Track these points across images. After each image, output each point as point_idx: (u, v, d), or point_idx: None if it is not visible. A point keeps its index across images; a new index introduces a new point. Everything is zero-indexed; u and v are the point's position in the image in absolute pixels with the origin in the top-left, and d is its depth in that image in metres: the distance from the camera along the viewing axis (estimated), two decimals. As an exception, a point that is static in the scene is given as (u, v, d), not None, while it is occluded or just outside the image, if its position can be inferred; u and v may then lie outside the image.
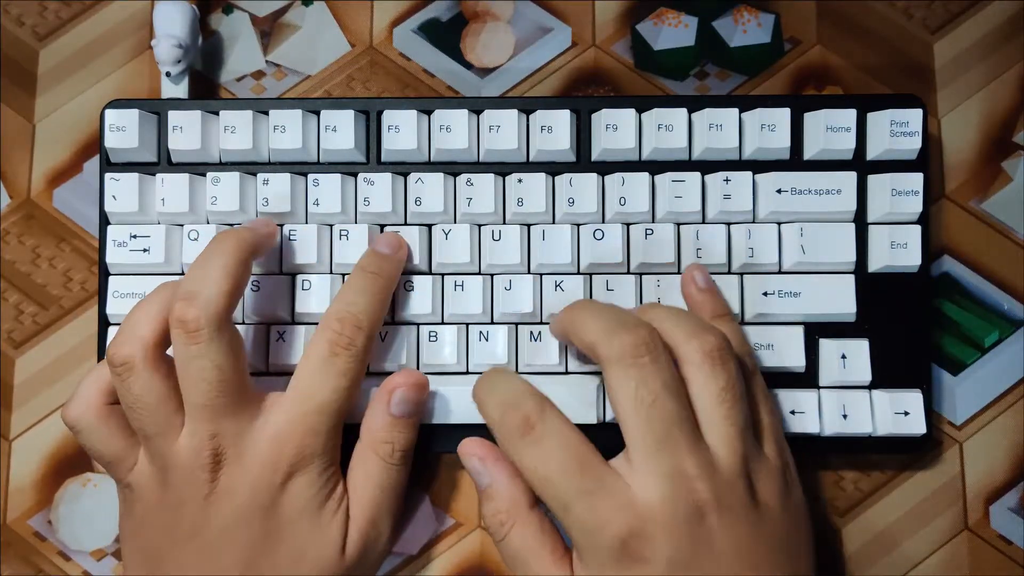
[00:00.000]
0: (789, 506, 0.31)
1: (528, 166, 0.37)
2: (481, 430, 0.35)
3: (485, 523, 0.33)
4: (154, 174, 0.37)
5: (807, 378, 0.36)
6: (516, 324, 0.36)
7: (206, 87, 0.42)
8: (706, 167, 0.37)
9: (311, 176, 0.37)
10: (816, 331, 0.36)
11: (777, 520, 0.31)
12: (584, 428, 0.32)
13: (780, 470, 0.32)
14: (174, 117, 0.37)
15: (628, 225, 0.37)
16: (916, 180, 0.36)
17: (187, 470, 0.31)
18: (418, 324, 0.36)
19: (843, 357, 0.36)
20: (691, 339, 0.31)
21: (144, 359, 0.31)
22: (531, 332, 0.36)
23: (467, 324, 0.36)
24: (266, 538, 0.32)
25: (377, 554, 0.35)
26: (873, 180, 0.37)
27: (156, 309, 0.32)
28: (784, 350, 0.36)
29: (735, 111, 0.36)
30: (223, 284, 0.31)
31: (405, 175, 0.37)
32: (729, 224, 0.37)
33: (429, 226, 0.37)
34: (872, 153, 0.37)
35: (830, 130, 0.36)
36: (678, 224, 0.36)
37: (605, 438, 0.31)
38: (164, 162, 0.37)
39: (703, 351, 0.31)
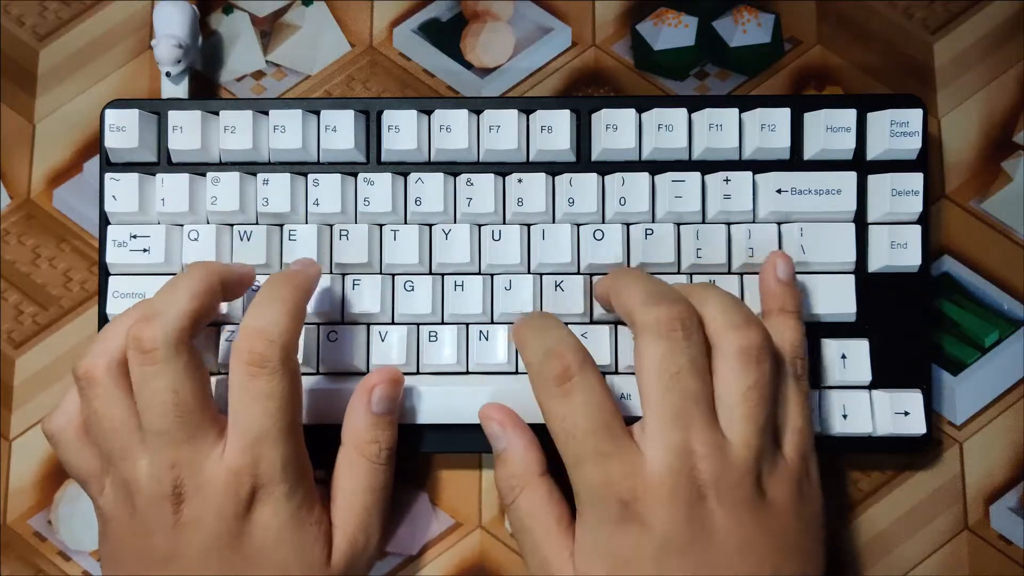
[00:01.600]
0: (801, 509, 0.31)
1: (528, 166, 0.37)
2: (482, 430, 0.35)
3: (497, 486, 0.33)
4: (154, 174, 0.37)
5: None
6: (516, 324, 0.36)
7: (206, 87, 0.42)
8: (706, 167, 0.37)
9: (311, 176, 0.37)
10: (816, 331, 0.36)
11: (786, 520, 0.31)
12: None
13: (797, 477, 0.31)
14: (174, 117, 0.37)
15: (628, 225, 0.37)
16: (916, 180, 0.36)
17: (151, 500, 0.30)
18: (418, 324, 0.36)
19: (843, 357, 0.36)
20: (731, 330, 0.31)
21: (107, 373, 0.30)
22: (531, 332, 0.36)
23: (467, 324, 0.36)
24: (244, 563, 0.31)
25: (368, 559, 0.34)
26: (873, 180, 0.37)
27: (126, 326, 0.31)
28: (784, 350, 0.36)
29: (735, 111, 0.36)
30: (185, 306, 0.30)
31: (405, 175, 0.37)
32: (729, 224, 0.37)
33: (429, 226, 0.37)
34: (872, 153, 0.37)
35: (830, 130, 0.36)
36: (678, 224, 0.36)
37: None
38: (164, 162, 0.37)
39: (739, 345, 0.31)
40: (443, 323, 0.36)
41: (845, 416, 0.36)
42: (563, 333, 0.32)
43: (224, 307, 0.36)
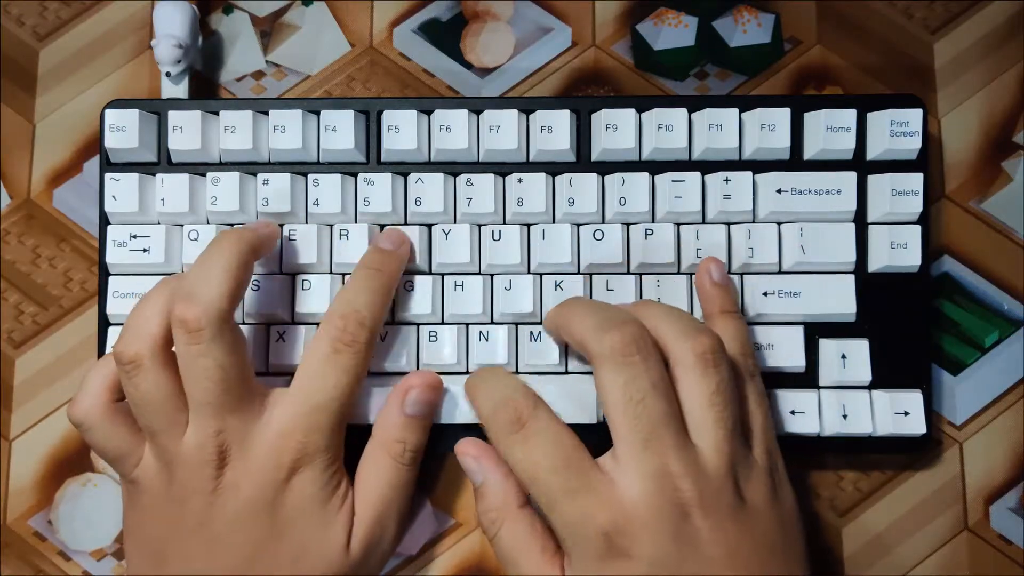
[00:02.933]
0: (778, 507, 0.31)
1: (528, 166, 0.37)
2: (482, 431, 0.35)
3: (479, 521, 0.33)
4: (154, 174, 0.37)
5: (807, 378, 0.36)
6: (516, 324, 0.36)
7: (206, 87, 0.42)
8: (706, 167, 0.37)
9: (311, 176, 0.37)
10: (816, 331, 0.36)
11: (766, 521, 0.31)
12: (582, 428, 0.32)
13: (768, 472, 0.32)
14: (174, 117, 0.37)
15: (628, 225, 0.37)
16: (916, 180, 0.36)
17: (192, 466, 0.31)
18: (418, 324, 0.36)
19: (843, 357, 0.36)
20: (684, 339, 0.31)
21: (153, 357, 0.31)
22: (531, 332, 0.36)
23: (467, 324, 0.36)
24: (270, 533, 0.32)
25: (382, 553, 0.35)
26: (873, 180, 0.37)
27: (161, 306, 0.32)
28: (784, 350, 0.36)
29: (735, 111, 0.36)
30: (224, 284, 0.31)
31: (405, 175, 0.37)
32: (729, 224, 0.37)
33: (429, 226, 0.37)
34: (872, 153, 0.37)
35: (830, 130, 0.36)
36: (678, 224, 0.36)
37: (603, 438, 0.31)
38: (164, 162, 0.37)
39: (695, 352, 0.31)
40: (443, 323, 0.36)
41: (845, 416, 0.36)
42: (508, 380, 0.33)
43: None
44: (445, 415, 0.35)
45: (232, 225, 0.37)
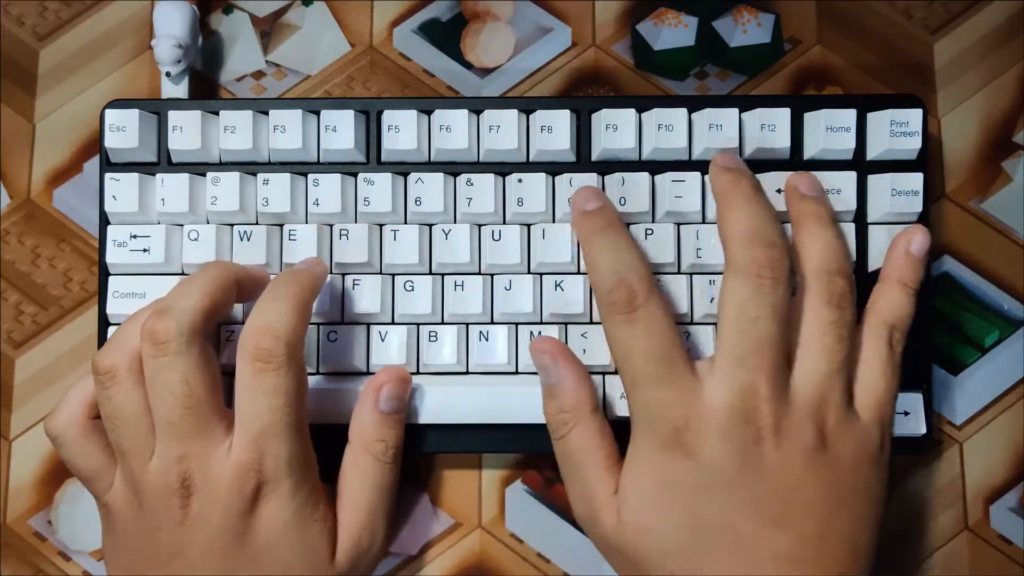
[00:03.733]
0: (865, 475, 0.31)
1: (528, 166, 0.37)
2: (482, 431, 0.35)
3: (547, 420, 0.33)
4: (154, 174, 0.37)
5: (807, 378, 0.36)
6: (516, 324, 0.36)
7: (206, 87, 0.42)
8: (706, 167, 0.37)
9: (311, 176, 0.37)
10: (816, 331, 0.36)
11: (844, 477, 0.30)
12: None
13: (866, 438, 0.31)
14: (174, 117, 0.37)
15: (628, 225, 0.37)
16: (916, 180, 0.36)
17: (159, 495, 0.31)
18: (418, 324, 0.36)
19: (843, 357, 0.36)
20: (822, 274, 0.32)
21: (129, 370, 0.31)
22: (531, 332, 0.36)
23: (467, 324, 0.36)
24: (247, 561, 0.31)
25: (371, 558, 0.34)
26: (873, 180, 0.37)
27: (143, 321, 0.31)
28: (784, 350, 0.36)
29: (735, 111, 0.36)
30: (199, 300, 0.31)
31: (405, 175, 0.37)
32: (729, 224, 0.37)
33: (429, 226, 0.37)
34: (872, 153, 0.37)
35: (830, 130, 0.36)
36: (678, 224, 0.36)
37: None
38: (164, 162, 0.37)
39: (826, 288, 0.31)
40: (443, 323, 0.36)
41: (845, 416, 0.36)
42: (633, 258, 0.32)
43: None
44: (444, 415, 0.35)
45: (232, 225, 0.37)
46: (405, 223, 0.37)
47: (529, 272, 0.36)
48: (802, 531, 0.30)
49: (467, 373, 0.36)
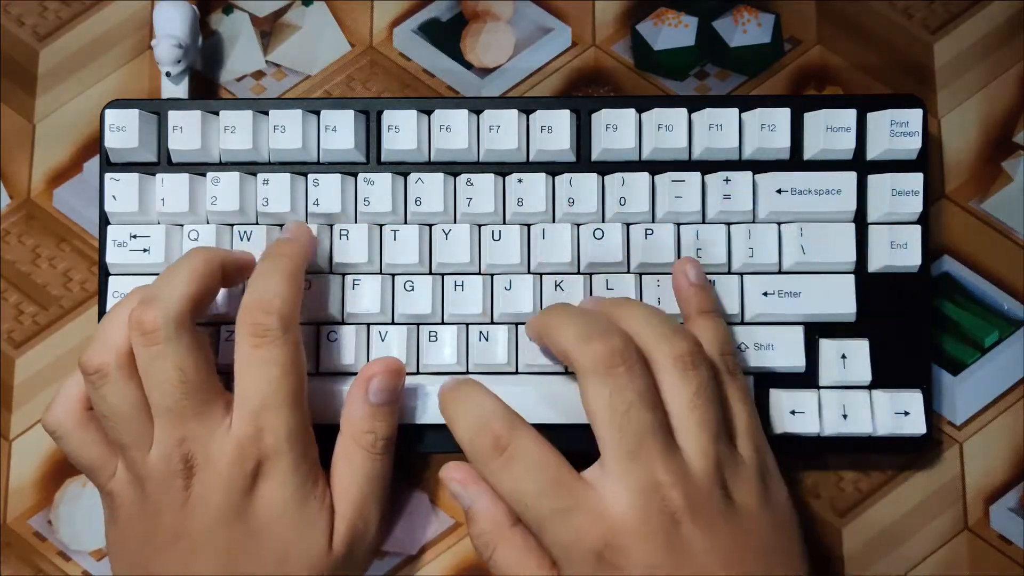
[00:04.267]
0: (770, 506, 0.31)
1: (528, 166, 0.37)
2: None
3: (473, 543, 0.33)
4: (154, 174, 0.37)
5: (807, 378, 0.36)
6: (516, 324, 0.36)
7: (206, 87, 0.42)
8: (706, 167, 0.37)
9: (311, 176, 0.37)
10: (816, 331, 0.36)
11: (758, 521, 0.31)
12: (582, 428, 0.32)
13: (758, 471, 0.31)
14: (174, 117, 0.37)
15: (628, 225, 0.37)
16: (916, 180, 0.36)
17: (161, 479, 0.31)
18: (418, 324, 0.36)
19: (843, 357, 0.36)
20: (662, 343, 0.31)
21: (118, 367, 0.31)
22: (531, 332, 0.36)
23: (467, 324, 0.36)
24: (247, 539, 0.31)
25: (366, 548, 0.34)
26: (873, 180, 0.37)
27: (127, 315, 0.31)
28: (784, 350, 0.36)
29: (735, 111, 0.36)
30: (185, 287, 0.31)
31: (405, 175, 0.37)
32: (729, 224, 0.37)
33: (429, 226, 0.37)
34: (872, 153, 0.37)
35: (830, 130, 0.36)
36: (678, 224, 0.36)
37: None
38: (164, 162, 0.37)
39: (673, 356, 0.31)
40: (443, 323, 0.36)
41: (845, 416, 0.36)
42: (485, 402, 0.32)
43: (225, 306, 0.36)
44: (441, 415, 0.35)
45: (232, 225, 0.37)
46: (405, 223, 0.37)
47: (529, 272, 0.36)
48: None
49: (467, 373, 0.36)
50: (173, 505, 0.31)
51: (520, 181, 0.36)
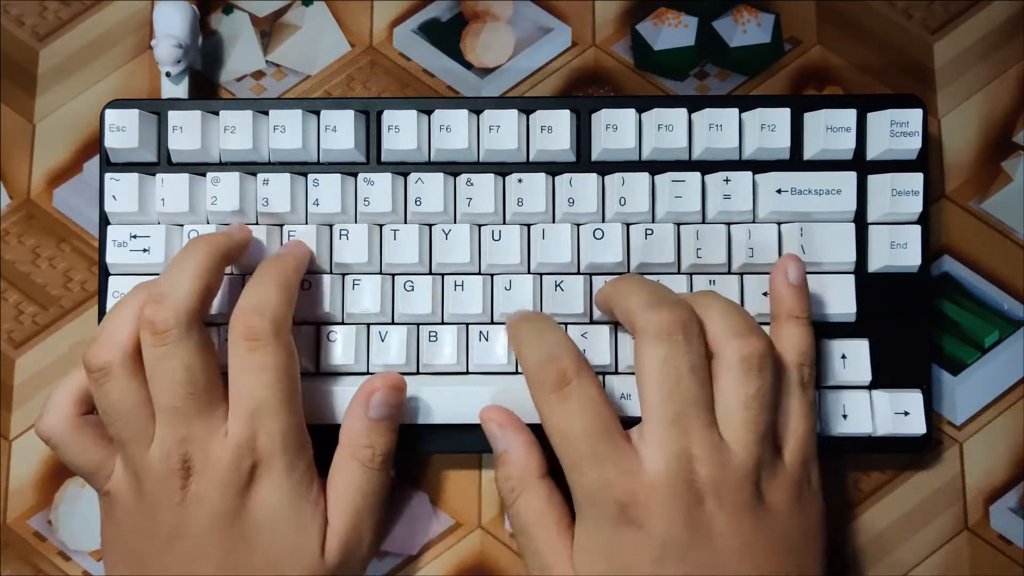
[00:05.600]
0: (801, 514, 0.31)
1: (528, 166, 0.37)
2: (482, 431, 0.35)
3: (497, 487, 0.33)
4: (154, 174, 0.37)
5: (807, 378, 0.36)
6: (516, 324, 0.36)
7: (206, 87, 0.42)
8: (706, 167, 0.37)
9: (311, 176, 0.37)
10: (816, 331, 0.36)
11: (785, 525, 0.31)
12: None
13: (797, 482, 0.31)
14: (174, 117, 0.37)
15: (628, 225, 0.37)
16: (916, 180, 0.36)
17: (159, 477, 0.31)
18: (418, 324, 0.36)
19: (843, 357, 0.36)
20: (733, 338, 0.31)
21: (122, 364, 0.31)
22: (531, 332, 0.36)
23: (467, 324, 0.36)
24: (242, 541, 0.31)
25: (360, 559, 0.34)
26: (873, 180, 0.37)
27: (132, 312, 0.31)
28: (784, 350, 0.36)
29: (735, 111, 0.36)
30: (193, 285, 0.31)
31: (405, 175, 0.37)
32: (729, 224, 0.37)
33: (429, 226, 0.37)
34: (872, 153, 0.37)
35: (830, 130, 0.36)
36: (678, 224, 0.36)
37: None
38: (164, 162, 0.37)
39: (741, 354, 0.30)
40: (443, 323, 0.36)
41: (845, 416, 0.36)
42: (560, 337, 0.32)
43: (226, 307, 0.36)
44: (444, 415, 0.35)
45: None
46: (405, 223, 0.37)
47: (529, 272, 0.36)
48: None
49: (467, 373, 0.36)
50: (170, 504, 0.31)
51: (520, 181, 0.36)
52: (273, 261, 0.34)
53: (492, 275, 0.36)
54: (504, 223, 0.37)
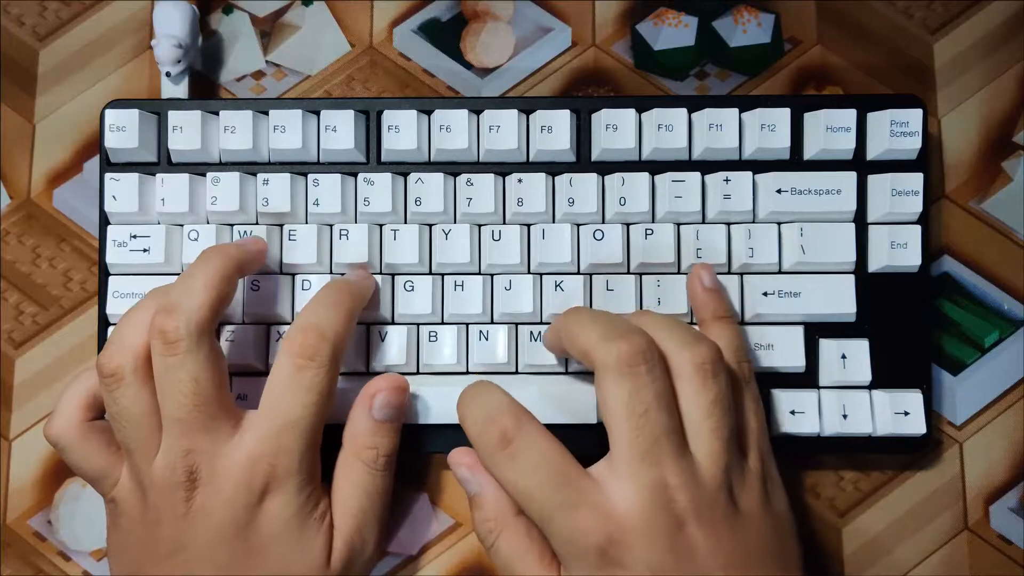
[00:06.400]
0: (771, 512, 0.31)
1: (528, 166, 0.37)
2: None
3: (475, 530, 0.33)
4: (154, 174, 0.37)
5: (807, 378, 0.36)
6: (516, 324, 0.36)
7: (206, 87, 0.42)
8: (706, 167, 0.37)
9: (311, 176, 0.37)
10: (816, 331, 0.36)
11: (760, 527, 0.31)
12: (581, 429, 0.32)
13: (761, 478, 0.32)
14: (174, 117, 0.37)
15: (628, 225, 0.37)
16: (916, 180, 0.36)
17: (164, 488, 0.31)
18: (418, 324, 0.36)
19: (843, 357, 0.36)
20: (683, 350, 0.31)
21: (134, 371, 0.31)
22: (531, 332, 0.36)
23: (467, 324, 0.36)
24: (246, 557, 0.31)
25: (364, 562, 0.34)
26: (873, 180, 0.37)
27: (145, 319, 0.31)
28: (784, 350, 0.36)
29: (735, 111, 0.36)
30: (205, 296, 0.31)
31: (405, 175, 0.37)
32: (729, 224, 0.37)
33: (429, 226, 0.37)
34: (872, 153, 0.37)
35: (830, 130, 0.36)
36: (678, 224, 0.36)
37: (601, 439, 0.31)
38: (164, 162, 0.37)
39: (694, 363, 0.31)
40: (443, 323, 0.36)
41: (845, 416, 0.36)
42: (493, 397, 0.32)
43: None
44: (444, 415, 0.35)
45: (232, 225, 0.37)
46: (405, 223, 0.37)
47: (529, 272, 0.36)
48: None
49: (467, 373, 0.36)
50: (173, 516, 0.31)
51: (520, 181, 0.37)
52: (342, 285, 0.34)
53: (492, 275, 0.36)
54: (504, 223, 0.37)
